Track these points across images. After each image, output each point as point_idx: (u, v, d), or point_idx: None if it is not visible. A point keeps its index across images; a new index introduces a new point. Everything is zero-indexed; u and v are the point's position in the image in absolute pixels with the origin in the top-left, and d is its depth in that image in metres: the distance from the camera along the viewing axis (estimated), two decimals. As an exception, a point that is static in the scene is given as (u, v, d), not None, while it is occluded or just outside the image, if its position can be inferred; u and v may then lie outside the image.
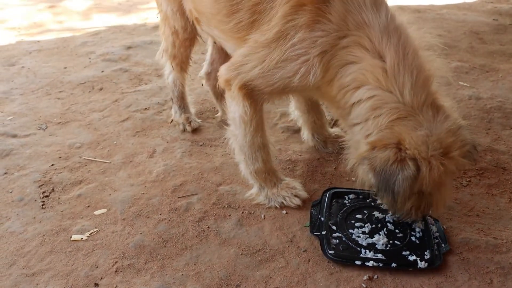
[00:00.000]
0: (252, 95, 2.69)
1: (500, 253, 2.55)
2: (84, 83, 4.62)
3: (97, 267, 2.51)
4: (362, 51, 2.37)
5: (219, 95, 3.89)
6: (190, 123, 3.73)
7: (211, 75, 3.88)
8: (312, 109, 3.35)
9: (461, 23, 6.24)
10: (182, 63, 3.66)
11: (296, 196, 2.91)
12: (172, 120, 3.85)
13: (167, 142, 3.60)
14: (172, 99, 3.86)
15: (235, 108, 2.78)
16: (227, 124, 3.02)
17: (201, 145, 3.56)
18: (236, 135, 2.90)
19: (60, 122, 3.93)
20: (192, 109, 3.90)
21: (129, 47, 5.53)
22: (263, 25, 2.56)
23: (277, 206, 2.90)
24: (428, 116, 2.29)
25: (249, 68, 2.61)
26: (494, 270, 2.45)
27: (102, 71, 4.86)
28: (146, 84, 4.58)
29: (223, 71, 2.76)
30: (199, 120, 3.83)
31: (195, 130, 3.75)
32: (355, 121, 2.45)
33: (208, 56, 3.90)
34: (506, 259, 2.50)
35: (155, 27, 6.31)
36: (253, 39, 2.60)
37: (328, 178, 3.17)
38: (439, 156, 2.24)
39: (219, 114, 3.97)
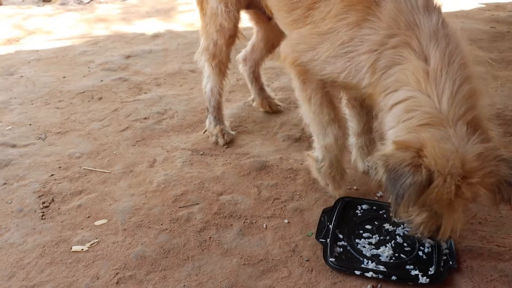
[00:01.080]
0: (306, 73, 2.76)
1: (504, 260, 2.53)
2: (84, 92, 4.61)
3: (98, 279, 2.48)
4: (410, 52, 2.32)
5: (254, 80, 4.05)
6: (223, 135, 3.68)
7: (248, 60, 4.03)
8: (365, 133, 3.28)
9: (459, 31, 6.24)
10: (221, 64, 3.61)
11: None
12: (205, 131, 3.81)
13: (167, 151, 3.59)
14: (207, 109, 3.80)
15: (295, 84, 2.90)
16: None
17: (201, 154, 3.54)
18: (304, 111, 2.97)
19: (59, 132, 3.91)
20: (227, 122, 3.86)
21: (128, 56, 5.54)
22: (317, 21, 2.64)
23: (323, 185, 3.04)
24: (461, 133, 2.14)
25: (301, 49, 2.70)
26: (498, 278, 2.43)
27: (101, 81, 4.85)
28: (145, 93, 4.57)
29: (282, 46, 2.88)
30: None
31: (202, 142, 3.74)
32: (390, 125, 2.39)
33: (250, 42, 4.00)
34: (510, 267, 2.48)
35: (154, 36, 6.34)
36: (310, 25, 2.69)
37: (329, 187, 3.15)
38: (456, 177, 2.08)
39: (251, 97, 4.17)
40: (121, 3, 8.30)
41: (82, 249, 2.68)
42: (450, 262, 2.49)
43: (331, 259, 2.50)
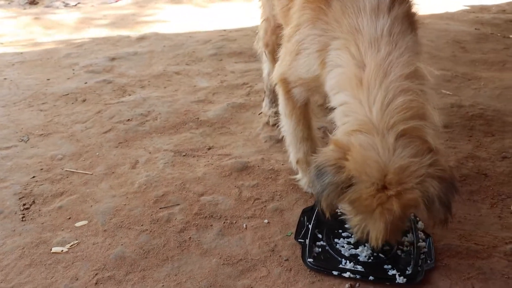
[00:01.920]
0: (289, 90, 2.87)
1: (481, 258, 2.55)
2: (67, 94, 4.60)
3: (77, 279, 2.48)
4: (348, 57, 2.29)
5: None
6: (274, 117, 3.86)
7: None
8: None
9: (444, 32, 6.32)
10: (274, 52, 3.66)
11: None
12: (260, 113, 4.10)
13: (150, 153, 3.58)
14: (264, 92, 4.07)
15: (280, 100, 3.06)
16: None
17: (183, 155, 3.54)
18: (283, 125, 3.14)
19: (42, 134, 3.90)
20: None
21: (113, 59, 5.52)
22: (292, 16, 2.73)
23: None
24: (387, 143, 2.05)
25: (282, 62, 2.81)
26: (475, 276, 2.45)
27: (86, 83, 4.84)
28: (129, 95, 4.56)
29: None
30: None
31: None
32: (337, 125, 2.38)
33: None
34: (487, 265, 2.51)
35: (139, 39, 6.33)
36: (285, 35, 2.80)
37: (310, 187, 3.16)
38: (375, 185, 2.05)
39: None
40: (107, 6, 8.29)
41: (62, 250, 2.67)
42: (428, 261, 2.51)
43: (309, 260, 2.50)
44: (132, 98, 4.47)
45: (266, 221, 2.86)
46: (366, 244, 2.59)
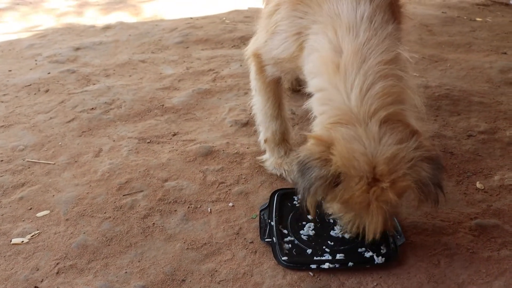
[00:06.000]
0: (262, 67, 2.84)
1: (447, 234, 2.57)
2: (30, 85, 4.49)
3: (37, 270, 2.42)
4: (325, 42, 2.24)
5: None
6: None
7: None
8: None
9: (411, 16, 6.33)
10: None
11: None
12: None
13: (114, 141, 3.52)
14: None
15: (251, 76, 3.03)
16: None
17: (148, 142, 3.49)
18: (255, 102, 3.12)
19: (3, 126, 3.80)
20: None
21: (77, 48, 5.41)
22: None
23: (278, 174, 3.06)
24: (371, 132, 1.99)
25: (258, 38, 2.80)
26: (441, 251, 2.47)
27: (49, 73, 4.73)
28: (94, 84, 4.47)
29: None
30: None
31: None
32: (314, 115, 2.31)
33: None
34: (453, 240, 2.53)
35: (104, 28, 6.21)
36: (265, 11, 2.78)
37: (276, 170, 3.14)
38: (366, 179, 1.99)
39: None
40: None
41: (22, 241, 2.61)
42: (398, 237, 2.49)
43: (283, 258, 2.40)
44: (96, 87, 4.39)
45: (231, 204, 2.83)
46: (335, 228, 2.57)
